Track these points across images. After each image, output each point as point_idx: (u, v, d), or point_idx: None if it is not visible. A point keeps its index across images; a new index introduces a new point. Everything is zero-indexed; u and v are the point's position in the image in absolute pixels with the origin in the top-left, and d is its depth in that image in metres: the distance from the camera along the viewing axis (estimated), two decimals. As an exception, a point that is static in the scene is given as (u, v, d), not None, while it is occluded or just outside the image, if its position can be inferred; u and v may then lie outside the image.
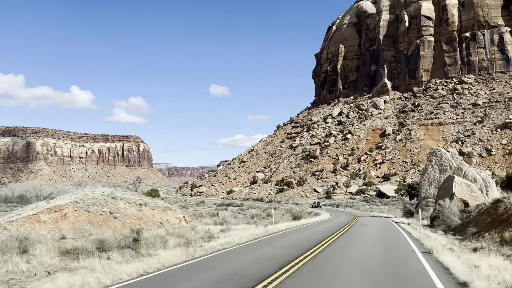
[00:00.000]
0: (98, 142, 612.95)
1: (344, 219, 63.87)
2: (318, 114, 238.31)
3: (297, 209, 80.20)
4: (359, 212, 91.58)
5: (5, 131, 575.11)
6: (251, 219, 65.22)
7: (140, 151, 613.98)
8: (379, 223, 52.72)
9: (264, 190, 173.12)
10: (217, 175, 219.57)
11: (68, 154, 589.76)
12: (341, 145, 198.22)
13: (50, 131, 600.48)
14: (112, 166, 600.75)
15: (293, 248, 24.10)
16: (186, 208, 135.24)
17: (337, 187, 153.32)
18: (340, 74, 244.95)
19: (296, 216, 63.18)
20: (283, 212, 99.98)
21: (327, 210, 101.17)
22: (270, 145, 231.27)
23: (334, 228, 43.33)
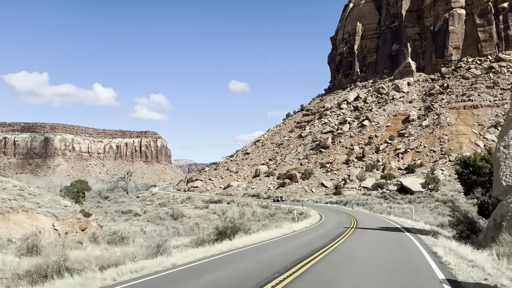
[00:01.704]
0: (116, 138, 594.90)
1: (326, 232, 33.65)
2: (331, 101, 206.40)
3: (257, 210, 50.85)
4: (368, 216, 60.51)
5: (24, 127, 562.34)
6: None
7: (157, 147, 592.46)
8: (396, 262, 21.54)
9: (264, 184, 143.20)
10: (218, 169, 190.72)
11: (86, 150, 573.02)
12: (356, 133, 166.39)
13: (69, 127, 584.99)
14: (130, 162, 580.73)
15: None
16: (162, 206, 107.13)
17: (349, 180, 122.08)
18: (357, 56, 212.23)
19: (236, 230, 32.90)
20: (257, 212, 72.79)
21: (328, 211, 71.12)
22: (278, 135, 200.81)
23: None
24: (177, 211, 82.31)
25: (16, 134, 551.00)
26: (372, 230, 31.70)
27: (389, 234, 28.97)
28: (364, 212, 68.90)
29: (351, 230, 32.71)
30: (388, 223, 42.60)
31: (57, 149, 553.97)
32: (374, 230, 32.56)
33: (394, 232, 31.00)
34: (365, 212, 67.07)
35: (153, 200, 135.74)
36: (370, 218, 53.13)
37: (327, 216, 57.94)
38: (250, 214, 72.89)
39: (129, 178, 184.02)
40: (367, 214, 63.58)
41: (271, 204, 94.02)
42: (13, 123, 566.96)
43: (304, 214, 62.45)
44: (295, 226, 40.56)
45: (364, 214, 63.60)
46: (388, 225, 39.90)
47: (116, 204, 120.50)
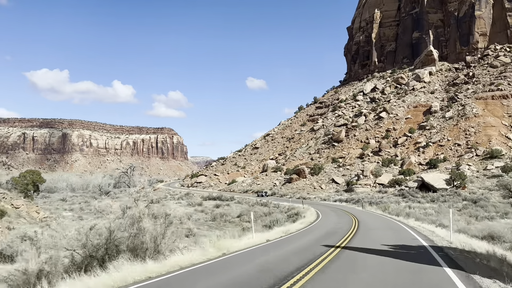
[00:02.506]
0: (133, 134, 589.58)
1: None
2: (347, 92, 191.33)
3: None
4: (380, 220, 46.04)
5: (43, 123, 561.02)
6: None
7: (173, 143, 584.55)
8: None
9: (270, 180, 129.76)
10: (225, 164, 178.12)
11: (104, 146, 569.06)
12: (373, 126, 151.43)
13: (86, 123, 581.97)
14: (146, 158, 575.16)
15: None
16: (154, 203, 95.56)
17: (363, 176, 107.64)
18: (375, 45, 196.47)
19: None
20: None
21: (330, 211, 57.83)
22: (289, 128, 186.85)
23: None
24: (159, 210, 69.57)
25: (35, 130, 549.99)
26: (376, 255, 17.67)
27: (408, 268, 15.05)
28: (376, 213, 54.92)
29: (335, 253, 18.83)
30: (407, 233, 28.56)
31: (74, 144, 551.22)
32: (380, 251, 18.71)
33: (418, 260, 16.66)
34: (377, 214, 53.11)
35: (149, 196, 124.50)
36: (381, 223, 39.24)
37: (323, 220, 44.60)
38: (219, 216, 60.02)
39: (132, 173, 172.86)
40: (379, 216, 49.62)
41: (260, 200, 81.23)
42: (32, 119, 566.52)
43: (297, 216, 49.25)
44: (262, 235, 27.34)
45: (375, 216, 49.68)
46: (406, 236, 25.97)
47: (109, 199, 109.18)
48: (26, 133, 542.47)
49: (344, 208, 67.75)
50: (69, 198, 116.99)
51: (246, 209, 69.39)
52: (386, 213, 53.57)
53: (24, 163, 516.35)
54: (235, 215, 64.43)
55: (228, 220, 59.15)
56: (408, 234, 27.64)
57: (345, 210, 61.79)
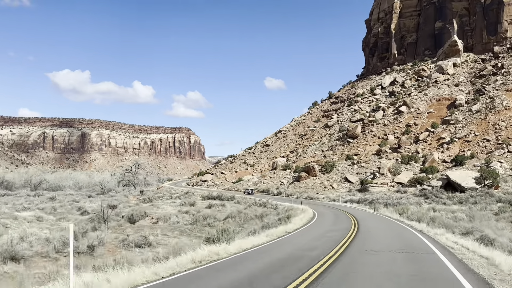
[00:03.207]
0: (151, 134, 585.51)
1: None
2: (364, 86, 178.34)
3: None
4: (394, 229, 33.80)
5: (62, 122, 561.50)
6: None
7: (191, 143, 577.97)
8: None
9: (278, 179, 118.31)
10: (234, 162, 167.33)
11: (122, 145, 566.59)
12: (392, 121, 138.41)
13: (105, 123, 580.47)
14: (163, 158, 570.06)
15: None
16: (146, 202, 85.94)
17: (379, 174, 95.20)
18: (394, 36, 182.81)
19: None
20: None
21: (333, 215, 46.54)
22: (302, 125, 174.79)
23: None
24: (139, 212, 60.09)
25: (54, 129, 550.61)
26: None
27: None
28: (390, 218, 42.80)
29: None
30: (439, 264, 16.23)
31: (93, 144, 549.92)
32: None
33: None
34: (391, 219, 41.00)
35: (148, 195, 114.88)
36: (392, 235, 27.00)
37: (309, 229, 33.32)
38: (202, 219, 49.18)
39: (137, 171, 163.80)
40: (393, 223, 37.67)
41: (258, 200, 70.16)
42: (52, 118, 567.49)
43: (286, 221, 38.01)
44: (223, 249, 16.18)
45: (387, 223, 37.80)
46: (442, 276, 14.04)
47: (99, 198, 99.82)
48: (46, 132, 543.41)
49: (352, 210, 55.96)
50: (63, 196, 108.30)
51: (238, 211, 58.53)
52: (403, 218, 41.69)
53: (44, 162, 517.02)
54: (222, 217, 53.62)
55: (210, 224, 48.25)
56: (444, 270, 14.83)
57: (351, 213, 50.00)
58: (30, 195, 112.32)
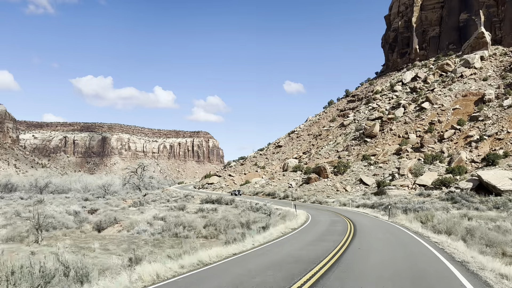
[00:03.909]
0: (170, 138, 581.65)
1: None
2: (383, 83, 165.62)
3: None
4: (408, 244, 22.73)
5: (83, 127, 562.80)
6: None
7: (209, 147, 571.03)
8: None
9: (287, 181, 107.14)
10: (245, 164, 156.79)
11: (142, 149, 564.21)
12: (413, 119, 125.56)
13: (125, 127, 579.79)
14: (182, 162, 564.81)
15: None
16: (137, 206, 76.81)
17: (399, 175, 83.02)
18: (415, 30, 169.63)
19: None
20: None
21: (328, 225, 34.97)
22: (316, 125, 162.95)
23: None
24: (109, 218, 51.16)
25: (76, 133, 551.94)
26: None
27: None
28: (407, 231, 30.70)
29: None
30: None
31: (113, 148, 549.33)
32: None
33: None
34: (410, 233, 28.95)
35: (144, 198, 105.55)
36: (407, 270, 15.57)
37: (276, 246, 22.24)
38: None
39: (143, 173, 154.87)
40: (412, 239, 25.77)
41: (255, 205, 59.40)
42: (73, 123, 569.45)
43: (264, 230, 27.37)
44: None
45: (403, 238, 26.20)
46: None
47: (90, 202, 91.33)
48: (67, 136, 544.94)
49: (360, 217, 44.50)
50: (58, 199, 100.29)
51: (223, 217, 48.03)
52: (427, 230, 30.13)
53: (65, 166, 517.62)
54: (202, 224, 43.10)
55: (178, 234, 37.72)
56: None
57: (357, 221, 38.62)
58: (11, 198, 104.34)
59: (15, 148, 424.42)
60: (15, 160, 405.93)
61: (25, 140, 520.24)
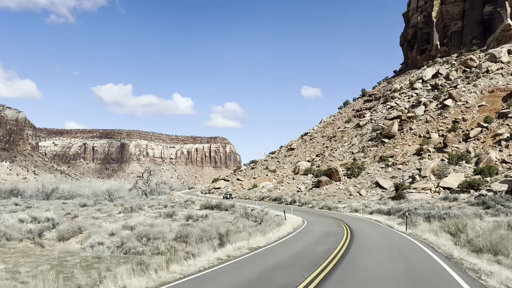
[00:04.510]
0: (187, 144, 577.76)
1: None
2: (402, 81, 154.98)
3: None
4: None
5: (102, 134, 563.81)
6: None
7: (226, 152, 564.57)
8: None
9: (296, 185, 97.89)
10: (255, 167, 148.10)
11: (159, 155, 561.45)
12: (435, 117, 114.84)
13: (144, 133, 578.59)
14: (199, 167, 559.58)
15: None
16: (128, 212, 69.47)
17: (420, 177, 72.99)
18: (436, 25, 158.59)
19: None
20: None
21: (316, 245, 25.02)
22: (331, 126, 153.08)
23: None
24: (74, 227, 43.29)
25: (95, 140, 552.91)
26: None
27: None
28: (431, 254, 21.10)
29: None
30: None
31: (132, 154, 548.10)
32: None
33: None
34: (435, 258, 19.34)
35: (141, 205, 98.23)
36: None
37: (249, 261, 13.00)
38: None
39: (149, 178, 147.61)
40: (443, 271, 16.30)
41: (251, 211, 50.60)
42: (93, 129, 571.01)
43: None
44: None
45: (426, 268, 16.67)
46: None
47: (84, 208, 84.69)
48: (86, 143, 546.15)
49: (367, 227, 34.99)
50: (46, 205, 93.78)
51: (210, 225, 39.64)
52: (461, 250, 20.59)
53: (84, 172, 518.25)
54: (172, 236, 34.59)
55: (134, 249, 29.23)
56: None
57: (359, 233, 29.25)
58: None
59: (35, 155, 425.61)
60: (34, 166, 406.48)
61: (46, 147, 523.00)
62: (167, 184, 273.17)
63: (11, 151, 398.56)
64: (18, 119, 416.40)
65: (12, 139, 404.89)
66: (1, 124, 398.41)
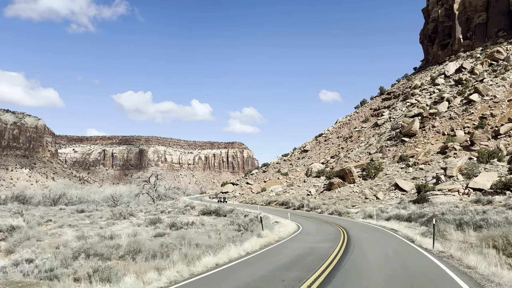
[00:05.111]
0: (205, 149, 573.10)
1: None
2: (423, 78, 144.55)
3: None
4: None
5: (122, 140, 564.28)
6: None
7: (244, 157, 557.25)
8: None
9: (306, 188, 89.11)
10: (267, 171, 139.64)
11: (177, 161, 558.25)
12: (460, 113, 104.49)
13: (162, 139, 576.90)
14: (217, 172, 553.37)
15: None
16: (117, 219, 62.48)
17: (445, 177, 63.46)
18: (458, 18, 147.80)
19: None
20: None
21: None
22: (347, 126, 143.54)
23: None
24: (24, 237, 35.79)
25: (114, 146, 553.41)
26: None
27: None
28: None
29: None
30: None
31: (150, 160, 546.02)
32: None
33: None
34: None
35: (132, 211, 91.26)
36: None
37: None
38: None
39: (156, 182, 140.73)
40: None
41: (245, 217, 42.29)
42: (112, 136, 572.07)
43: None
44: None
45: None
46: None
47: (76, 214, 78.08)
48: (106, 150, 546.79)
49: (374, 242, 25.90)
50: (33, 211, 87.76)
51: (164, 243, 31.61)
52: None
53: (104, 178, 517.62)
54: (120, 252, 26.49)
55: (55, 269, 21.36)
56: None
57: (358, 251, 20.32)
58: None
59: (54, 162, 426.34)
60: (53, 173, 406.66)
61: (66, 154, 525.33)
62: (180, 189, 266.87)
63: (30, 158, 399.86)
64: (37, 126, 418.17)
65: (32, 146, 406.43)
66: (21, 131, 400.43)
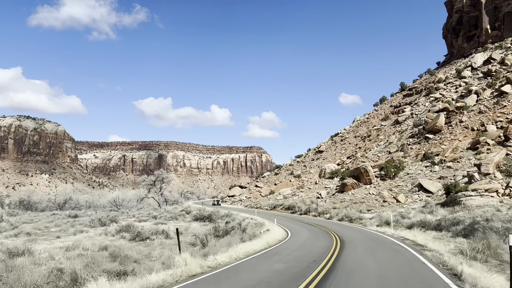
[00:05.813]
0: (223, 154, 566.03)
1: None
2: (448, 71, 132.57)
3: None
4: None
5: (141, 145, 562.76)
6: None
7: (262, 162, 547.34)
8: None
9: (317, 190, 78.95)
10: (279, 173, 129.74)
11: (196, 166, 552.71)
12: (490, 107, 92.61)
13: (180, 144, 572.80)
14: (236, 177, 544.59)
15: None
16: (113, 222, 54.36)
17: (480, 175, 52.65)
18: (485, 7, 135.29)
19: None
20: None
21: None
22: (365, 125, 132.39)
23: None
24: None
25: (134, 152, 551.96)
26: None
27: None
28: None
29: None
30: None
31: (169, 165, 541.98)
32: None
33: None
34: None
35: (125, 216, 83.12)
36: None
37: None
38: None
39: (162, 186, 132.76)
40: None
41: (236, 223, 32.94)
42: (132, 142, 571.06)
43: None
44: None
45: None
46: None
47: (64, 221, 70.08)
48: (126, 155, 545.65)
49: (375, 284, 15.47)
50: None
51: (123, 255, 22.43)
52: None
53: (124, 184, 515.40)
54: (43, 273, 17.30)
55: None
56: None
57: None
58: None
59: (73, 167, 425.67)
60: (72, 178, 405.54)
61: (87, 160, 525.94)
62: (194, 194, 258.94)
63: (50, 163, 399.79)
64: (57, 132, 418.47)
65: (52, 152, 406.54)
66: (41, 137, 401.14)
